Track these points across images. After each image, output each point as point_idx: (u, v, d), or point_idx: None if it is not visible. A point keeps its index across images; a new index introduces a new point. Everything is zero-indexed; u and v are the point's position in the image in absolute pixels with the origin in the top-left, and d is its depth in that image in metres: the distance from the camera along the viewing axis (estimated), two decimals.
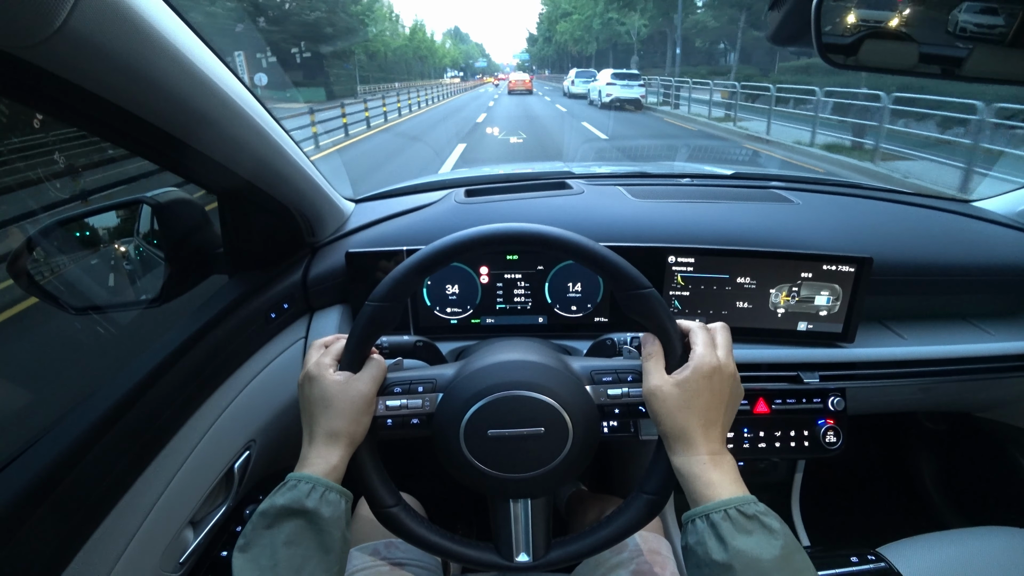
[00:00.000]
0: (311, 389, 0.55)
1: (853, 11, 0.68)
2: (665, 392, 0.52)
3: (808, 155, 7.96)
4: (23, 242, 0.72)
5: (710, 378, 0.52)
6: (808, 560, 0.46)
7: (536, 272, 0.92)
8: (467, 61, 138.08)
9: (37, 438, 0.52)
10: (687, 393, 0.52)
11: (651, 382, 0.53)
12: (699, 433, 0.52)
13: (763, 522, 0.46)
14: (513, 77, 35.51)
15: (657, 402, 0.53)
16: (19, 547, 0.46)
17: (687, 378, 0.52)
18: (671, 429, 0.52)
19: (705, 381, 0.52)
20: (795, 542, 0.46)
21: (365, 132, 12.71)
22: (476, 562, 0.59)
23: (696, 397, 0.52)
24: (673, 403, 0.52)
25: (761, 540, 0.45)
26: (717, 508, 0.47)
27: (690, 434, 0.51)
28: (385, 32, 59.45)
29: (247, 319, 0.78)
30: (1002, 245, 1.00)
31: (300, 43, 30.01)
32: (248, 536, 0.48)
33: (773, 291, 0.89)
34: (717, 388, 0.53)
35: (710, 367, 0.52)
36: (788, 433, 0.92)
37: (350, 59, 40.72)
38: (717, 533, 0.46)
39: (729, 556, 0.44)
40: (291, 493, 0.49)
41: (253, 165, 0.69)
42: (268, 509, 0.48)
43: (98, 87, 0.45)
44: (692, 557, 0.48)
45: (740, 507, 0.47)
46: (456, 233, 0.55)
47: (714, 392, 0.52)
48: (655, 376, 0.54)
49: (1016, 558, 0.79)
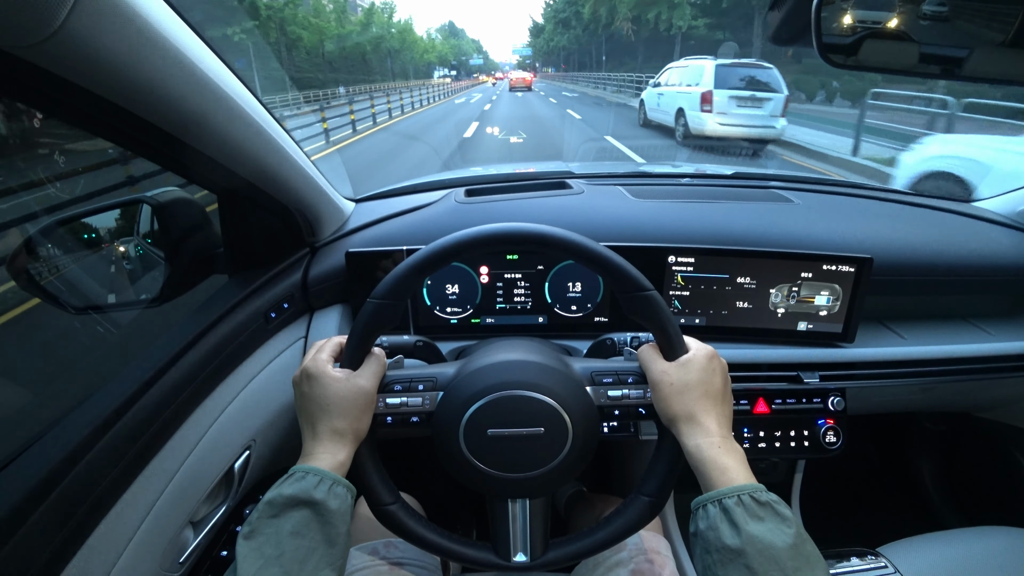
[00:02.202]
0: (311, 387, 0.55)
1: (853, 11, 0.68)
2: (671, 374, 0.54)
3: None
4: (23, 242, 0.72)
5: (710, 359, 0.55)
6: (818, 551, 0.46)
7: (536, 272, 0.92)
8: (459, 58, 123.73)
9: (37, 438, 0.52)
10: (691, 373, 0.54)
11: (656, 367, 0.55)
12: (708, 415, 0.53)
13: (776, 510, 0.46)
14: (513, 75, 37.79)
15: (664, 386, 0.54)
16: (19, 547, 0.46)
17: (688, 359, 0.55)
18: (680, 411, 0.53)
19: (706, 361, 0.55)
20: (805, 532, 0.47)
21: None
22: (474, 561, 0.59)
23: (700, 377, 0.54)
24: (680, 384, 0.53)
25: (774, 527, 0.45)
26: (730, 493, 0.47)
27: (699, 415, 0.53)
28: (311, 17, 43.92)
29: (247, 319, 0.78)
30: (1002, 245, 1.00)
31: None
32: (253, 524, 0.47)
33: (773, 291, 0.89)
34: (719, 370, 0.56)
35: (707, 350, 0.56)
36: (788, 433, 0.92)
37: (245, 53, 24.99)
38: (730, 518, 0.46)
39: (742, 541, 0.44)
40: (299, 484, 0.49)
41: (253, 165, 0.69)
42: (275, 498, 0.48)
43: (98, 87, 0.45)
44: (701, 542, 0.48)
45: (753, 494, 0.47)
46: (456, 233, 0.55)
47: (715, 374, 0.55)
48: (657, 362, 0.55)
49: (1016, 558, 0.79)
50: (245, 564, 0.45)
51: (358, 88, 29.67)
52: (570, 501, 1.23)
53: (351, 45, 53.03)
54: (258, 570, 0.44)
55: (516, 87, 32.56)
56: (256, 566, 0.45)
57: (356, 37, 53.60)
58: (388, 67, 63.34)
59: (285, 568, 0.45)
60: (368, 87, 33.36)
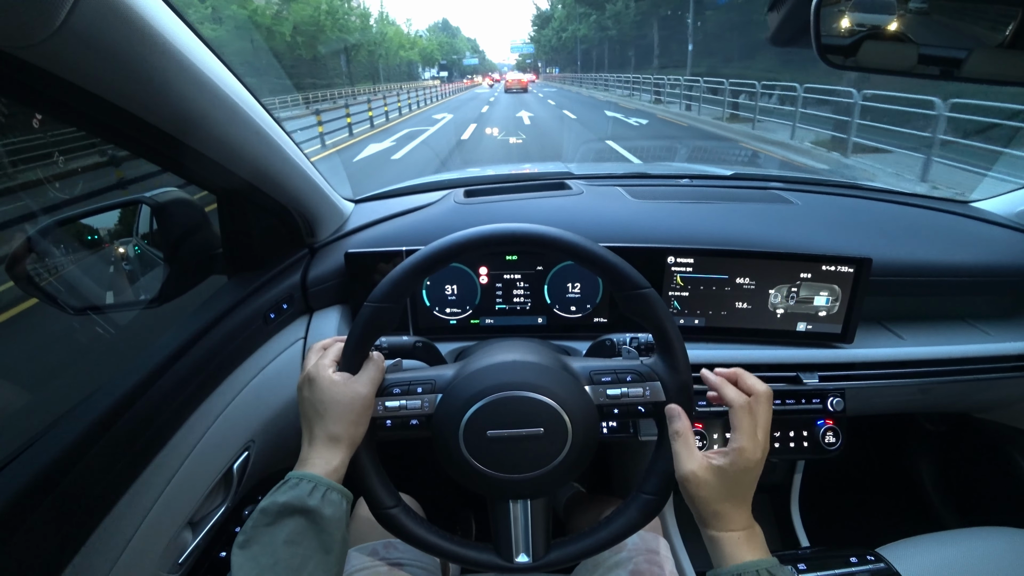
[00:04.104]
0: (310, 391, 0.55)
1: (851, 13, 0.68)
2: (700, 479, 0.51)
3: None
4: (22, 242, 0.72)
5: (749, 471, 0.51)
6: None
7: (535, 273, 0.92)
8: (450, 56, 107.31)
9: (37, 438, 0.52)
10: (726, 483, 0.51)
11: (686, 466, 0.52)
12: (734, 512, 0.52)
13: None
14: (509, 77, 36.55)
15: (692, 487, 0.52)
16: (18, 547, 0.46)
17: (725, 468, 0.51)
18: (705, 511, 0.52)
19: (744, 474, 0.51)
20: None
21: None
22: (476, 563, 0.59)
23: (735, 486, 0.51)
24: (709, 491, 0.51)
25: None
26: (747, 569, 0.48)
27: (723, 514, 0.51)
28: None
29: (246, 319, 0.78)
30: (1001, 245, 1.00)
31: None
32: (248, 533, 0.47)
33: (772, 292, 0.89)
34: (754, 476, 0.52)
35: (752, 461, 0.51)
36: (787, 434, 0.92)
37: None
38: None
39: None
40: (293, 491, 0.49)
41: (252, 165, 0.69)
42: (269, 506, 0.48)
43: (98, 87, 0.45)
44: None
45: (771, 570, 0.47)
46: (455, 233, 0.55)
47: (752, 480, 0.52)
48: (689, 460, 0.52)
49: (1016, 558, 0.79)
50: (240, 574, 0.45)
51: (286, 99, 19.97)
52: (569, 503, 1.23)
53: (284, 40, 35.26)
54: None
55: (512, 89, 32.09)
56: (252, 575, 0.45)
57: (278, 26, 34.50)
58: (342, 67, 45.97)
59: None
60: (306, 96, 23.29)
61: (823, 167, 6.99)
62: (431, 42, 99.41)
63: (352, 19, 47.95)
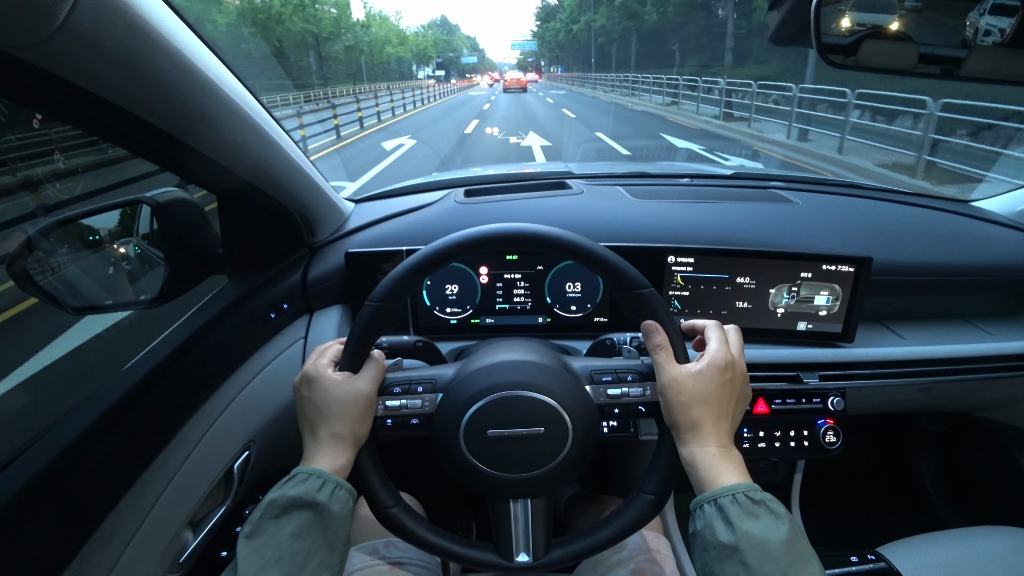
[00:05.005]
0: (310, 391, 0.54)
1: (852, 12, 0.68)
2: (682, 383, 0.53)
3: None
4: (22, 242, 0.72)
5: (724, 372, 0.53)
6: (811, 548, 0.47)
7: (536, 272, 0.92)
8: (446, 54, 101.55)
9: (37, 438, 0.52)
10: (703, 384, 0.53)
11: (668, 373, 0.54)
12: (710, 425, 0.53)
13: (770, 507, 0.47)
14: (509, 76, 36.08)
15: (673, 393, 0.53)
16: (19, 547, 0.46)
17: (702, 370, 0.53)
18: (684, 420, 0.53)
19: (719, 374, 0.53)
20: (800, 528, 0.48)
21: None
22: (476, 562, 0.59)
23: (711, 389, 0.53)
24: (689, 394, 0.52)
25: (768, 524, 0.46)
26: (725, 493, 0.48)
27: (701, 426, 0.52)
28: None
29: (247, 319, 0.78)
30: (1001, 245, 1.00)
31: None
32: (255, 524, 0.47)
33: (773, 291, 0.89)
34: (729, 383, 0.54)
35: (724, 361, 0.53)
36: (788, 433, 0.92)
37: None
38: (725, 516, 0.47)
39: (736, 538, 0.45)
40: (302, 486, 0.49)
41: (252, 165, 0.69)
42: (278, 499, 0.48)
43: (98, 87, 0.45)
44: (699, 541, 0.49)
45: (747, 492, 0.48)
46: (455, 233, 0.55)
47: (726, 386, 0.53)
48: (670, 367, 0.54)
49: (1016, 558, 0.79)
50: (245, 565, 0.45)
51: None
52: (570, 502, 1.23)
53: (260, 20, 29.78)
54: (258, 572, 0.44)
55: (511, 88, 32.02)
56: (256, 568, 0.45)
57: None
58: (311, 63, 40.04)
59: (285, 571, 0.45)
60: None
61: None
62: (426, 39, 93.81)
63: (327, 8, 42.25)
